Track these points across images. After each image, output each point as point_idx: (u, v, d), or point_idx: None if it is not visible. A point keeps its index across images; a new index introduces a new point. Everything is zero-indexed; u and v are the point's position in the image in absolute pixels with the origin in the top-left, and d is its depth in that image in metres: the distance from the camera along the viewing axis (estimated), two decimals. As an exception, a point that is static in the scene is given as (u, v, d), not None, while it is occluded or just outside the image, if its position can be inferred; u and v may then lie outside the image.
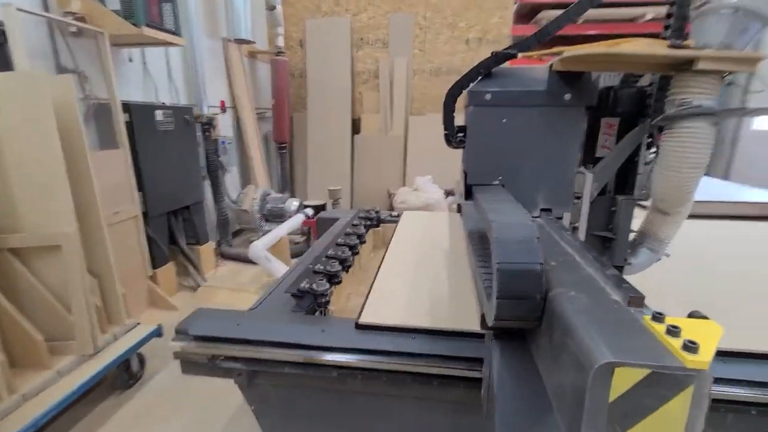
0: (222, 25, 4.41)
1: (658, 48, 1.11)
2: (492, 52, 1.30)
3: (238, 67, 4.58)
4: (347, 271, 1.50)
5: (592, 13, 5.19)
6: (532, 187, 1.35)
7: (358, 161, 5.37)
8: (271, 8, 4.76)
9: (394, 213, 2.24)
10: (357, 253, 1.65)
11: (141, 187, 2.95)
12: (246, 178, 4.91)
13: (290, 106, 5.24)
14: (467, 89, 1.35)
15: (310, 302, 1.23)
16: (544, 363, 0.82)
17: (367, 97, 5.36)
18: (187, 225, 3.62)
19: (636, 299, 0.73)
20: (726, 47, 1.07)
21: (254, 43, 4.65)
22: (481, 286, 1.05)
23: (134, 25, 2.70)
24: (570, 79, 1.27)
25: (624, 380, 0.56)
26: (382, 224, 2.18)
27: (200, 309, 1.18)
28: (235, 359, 1.08)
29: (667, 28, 1.24)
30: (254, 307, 1.23)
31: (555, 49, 1.26)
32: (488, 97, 1.31)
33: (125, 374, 2.30)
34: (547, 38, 1.27)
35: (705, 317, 0.66)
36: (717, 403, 0.94)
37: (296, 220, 3.54)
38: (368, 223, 2.03)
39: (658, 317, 0.64)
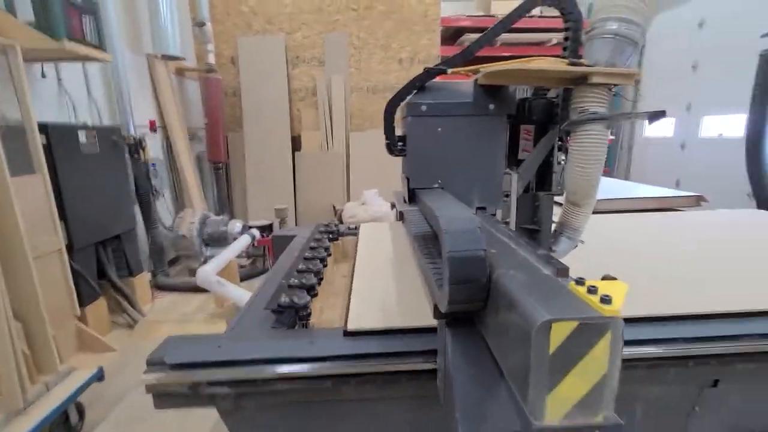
0: (146, 40, 4.21)
1: (561, 65, 1.33)
2: (425, 69, 1.45)
3: (166, 84, 4.40)
4: (320, 284, 1.52)
5: (508, 37, 5.88)
6: (467, 188, 1.51)
7: (300, 178, 5.37)
8: (200, 24, 4.65)
9: (351, 226, 2.31)
10: (326, 266, 1.67)
11: (64, 216, 2.71)
12: (180, 202, 4.67)
13: (225, 125, 5.12)
14: (405, 101, 1.48)
15: (291, 317, 1.24)
16: (493, 338, 0.93)
17: (305, 115, 5.40)
18: (118, 256, 3.36)
19: (562, 271, 0.88)
20: (611, 65, 1.31)
21: (184, 59, 4.50)
22: (432, 279, 1.16)
23: (52, 38, 2.51)
24: (492, 91, 1.45)
25: (559, 334, 0.68)
26: (340, 237, 2.21)
27: (171, 337, 1.14)
28: (220, 384, 1.04)
29: (565, 49, 1.48)
30: (231, 328, 1.21)
31: (479, 66, 1.44)
32: (424, 108, 1.45)
33: (62, 428, 2.07)
34: (471, 57, 1.44)
35: (614, 278, 0.82)
36: (661, 360, 1.13)
37: (243, 242, 3.46)
38: (330, 236, 2.06)
39: (580, 281, 0.79)
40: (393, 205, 5.14)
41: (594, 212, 1.57)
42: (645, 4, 1.27)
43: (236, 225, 4.02)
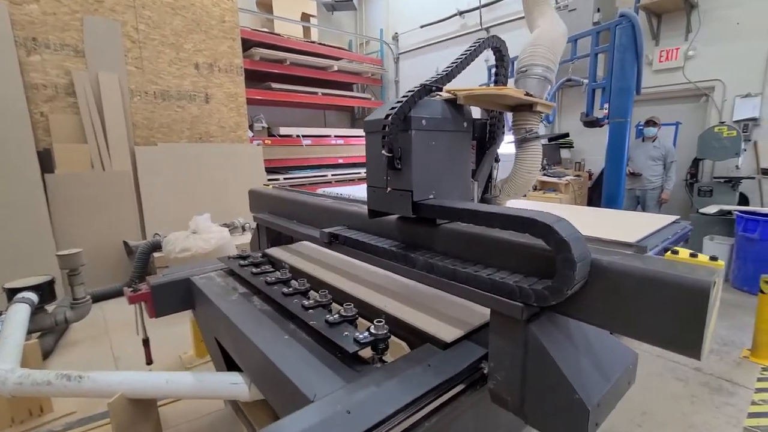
0: None
1: (521, 94, 1.65)
2: (421, 84, 1.46)
3: None
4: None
5: (298, 58, 6.69)
6: (449, 197, 1.62)
7: (59, 210, 3.68)
8: None
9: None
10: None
11: None
12: None
13: None
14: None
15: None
16: (614, 312, 1.11)
17: (58, 121, 3.71)
18: None
19: (641, 248, 1.19)
20: (540, 98, 1.75)
21: None
22: (493, 284, 1.21)
23: None
24: (459, 110, 1.63)
25: (714, 287, 0.98)
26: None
27: None
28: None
29: (497, 82, 1.82)
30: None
31: (457, 89, 1.57)
32: (424, 123, 1.46)
33: None
34: (452, 79, 1.57)
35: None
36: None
37: (23, 314, 2.08)
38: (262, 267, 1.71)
39: (674, 252, 1.11)
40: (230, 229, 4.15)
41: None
42: (555, 56, 1.77)
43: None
